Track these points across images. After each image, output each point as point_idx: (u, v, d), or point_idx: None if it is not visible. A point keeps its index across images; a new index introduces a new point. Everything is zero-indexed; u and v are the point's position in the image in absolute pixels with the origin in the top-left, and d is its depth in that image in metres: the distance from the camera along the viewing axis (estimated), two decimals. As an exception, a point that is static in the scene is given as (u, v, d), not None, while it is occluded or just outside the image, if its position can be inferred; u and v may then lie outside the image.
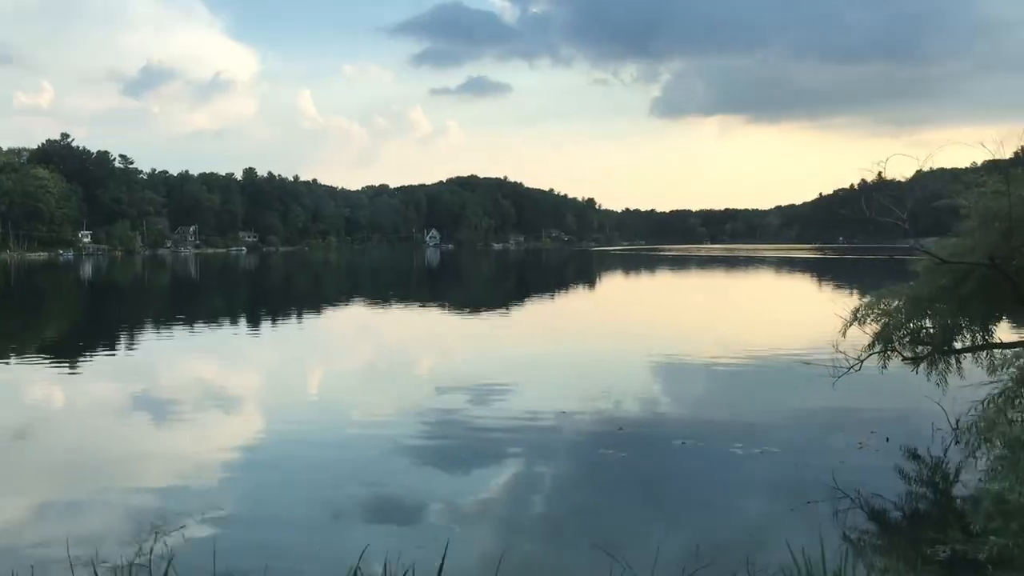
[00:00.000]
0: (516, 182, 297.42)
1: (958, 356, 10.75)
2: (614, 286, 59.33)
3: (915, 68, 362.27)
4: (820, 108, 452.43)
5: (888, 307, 10.87)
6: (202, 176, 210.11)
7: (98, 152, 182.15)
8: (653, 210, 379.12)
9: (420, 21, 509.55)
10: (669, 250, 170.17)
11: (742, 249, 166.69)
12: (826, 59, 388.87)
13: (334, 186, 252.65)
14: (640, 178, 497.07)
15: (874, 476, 9.46)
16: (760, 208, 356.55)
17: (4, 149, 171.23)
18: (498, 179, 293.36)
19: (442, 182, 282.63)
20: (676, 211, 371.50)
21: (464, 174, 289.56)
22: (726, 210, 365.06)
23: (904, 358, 10.92)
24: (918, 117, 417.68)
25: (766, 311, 34.30)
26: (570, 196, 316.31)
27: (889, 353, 10.88)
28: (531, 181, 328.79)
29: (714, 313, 34.22)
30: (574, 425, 12.31)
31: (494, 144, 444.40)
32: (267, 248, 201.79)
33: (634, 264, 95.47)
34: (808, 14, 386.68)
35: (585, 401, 14.02)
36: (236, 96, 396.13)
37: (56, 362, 20.41)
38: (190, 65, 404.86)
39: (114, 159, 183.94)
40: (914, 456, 10.29)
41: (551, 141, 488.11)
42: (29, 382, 17.11)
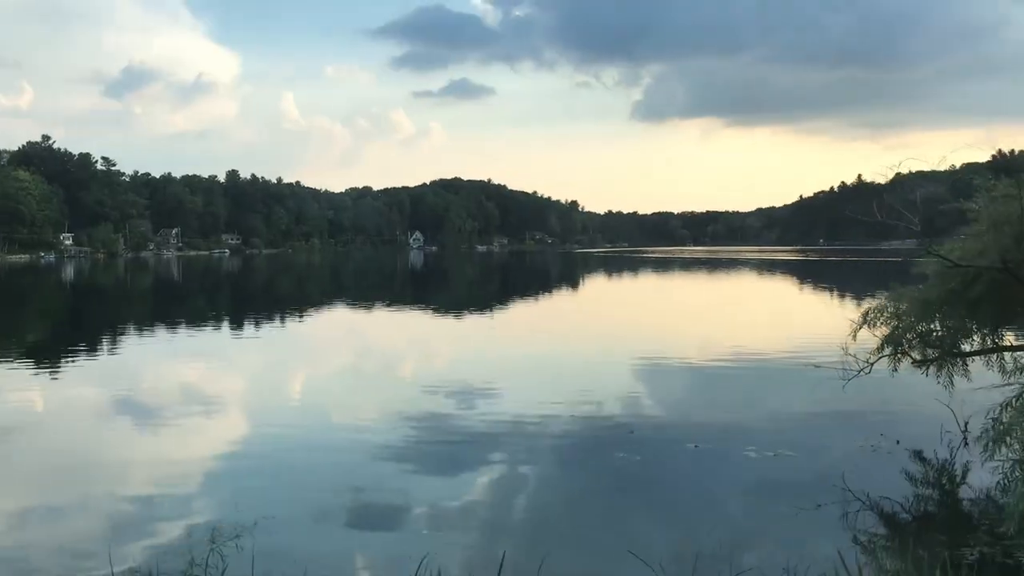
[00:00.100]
0: (500, 184, 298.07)
1: (967, 359, 10.82)
2: (607, 289, 59.32)
3: (891, 72, 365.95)
4: (799, 111, 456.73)
5: (897, 310, 10.93)
6: (185, 178, 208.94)
7: (80, 154, 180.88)
8: (636, 212, 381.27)
9: (402, 24, 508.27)
10: (653, 252, 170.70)
11: (725, 251, 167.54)
12: (805, 62, 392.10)
13: (317, 188, 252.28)
14: (623, 181, 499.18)
15: (885, 478, 9.51)
16: (741, 210, 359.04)
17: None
18: (482, 181, 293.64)
19: (425, 184, 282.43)
20: (658, 213, 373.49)
21: (448, 176, 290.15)
22: (707, 212, 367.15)
23: (913, 361, 10.97)
24: (895, 120, 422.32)
25: (767, 314, 34.17)
26: (554, 198, 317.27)
27: (899, 356, 10.93)
28: (515, 183, 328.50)
29: (715, 316, 34.14)
30: (585, 429, 12.30)
31: (477, 146, 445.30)
32: (250, 250, 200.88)
33: (621, 266, 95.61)
34: (787, 18, 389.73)
35: (595, 405, 14.03)
36: (218, 98, 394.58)
37: (36, 366, 20.15)
38: (172, 67, 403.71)
39: (96, 161, 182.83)
40: (925, 459, 10.37)
41: (534, 144, 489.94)
42: (7, 389, 16.60)
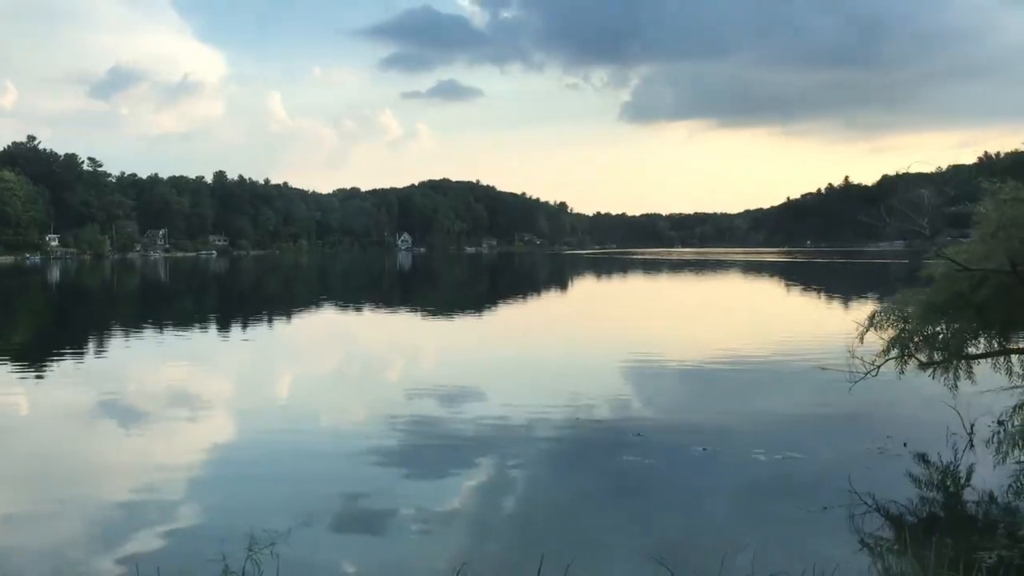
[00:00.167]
0: (488, 185, 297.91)
1: (974, 361, 10.85)
2: (601, 291, 59.10)
3: (878, 74, 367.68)
4: (787, 113, 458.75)
5: (904, 312, 10.95)
6: (172, 179, 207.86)
7: (66, 155, 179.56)
8: (624, 214, 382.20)
9: (390, 25, 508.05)
10: (642, 254, 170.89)
11: (715, 253, 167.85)
12: (792, 65, 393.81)
13: (305, 189, 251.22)
14: (611, 182, 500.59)
15: (893, 481, 9.54)
16: (729, 212, 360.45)
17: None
18: (470, 183, 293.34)
19: (414, 185, 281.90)
20: (647, 215, 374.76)
21: (436, 177, 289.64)
22: (695, 214, 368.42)
23: (920, 363, 11.00)
24: (882, 123, 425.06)
25: (766, 316, 33.90)
26: (542, 200, 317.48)
27: (905, 358, 10.96)
28: (503, 185, 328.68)
29: (714, 318, 33.96)
30: (593, 432, 12.25)
31: (466, 148, 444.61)
32: (237, 252, 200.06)
33: (612, 268, 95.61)
34: (775, 21, 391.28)
35: (601, 408, 13.98)
36: (205, 98, 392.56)
37: (22, 367, 19.93)
38: (159, 67, 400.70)
39: (82, 162, 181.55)
40: (934, 462, 10.38)
41: (523, 145, 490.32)
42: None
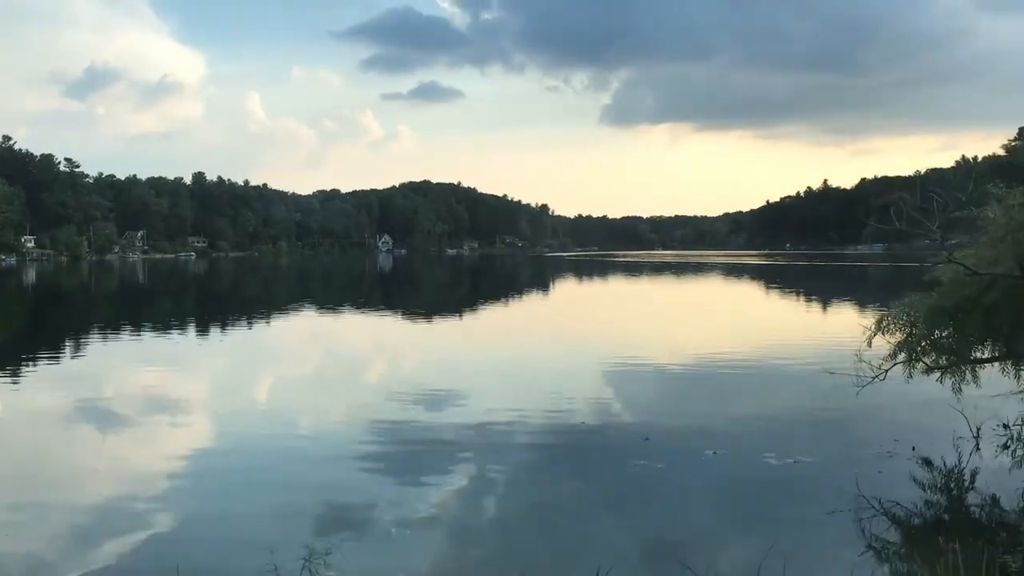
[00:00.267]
0: (470, 187, 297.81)
1: (980, 366, 10.89)
2: (590, 294, 58.71)
3: (857, 78, 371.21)
4: (766, 116, 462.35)
5: (912, 317, 10.97)
6: (150, 180, 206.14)
7: (42, 155, 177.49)
8: (605, 216, 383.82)
9: (370, 26, 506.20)
10: (623, 256, 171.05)
11: (696, 255, 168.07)
12: (772, 69, 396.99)
13: (285, 190, 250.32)
14: (592, 184, 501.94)
15: (902, 485, 9.54)
16: (709, 215, 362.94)
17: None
18: (452, 184, 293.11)
19: (395, 187, 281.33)
20: (627, 217, 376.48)
21: (417, 179, 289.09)
22: (676, 217, 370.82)
23: (928, 367, 11.02)
24: (861, 126, 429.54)
25: (765, 319, 33.57)
26: (524, 202, 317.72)
27: (913, 362, 10.97)
28: (485, 187, 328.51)
29: (714, 320, 33.63)
30: (601, 437, 12.18)
31: (447, 149, 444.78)
32: (217, 253, 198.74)
33: (596, 270, 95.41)
34: (755, 24, 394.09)
35: (608, 412, 13.94)
36: (183, 99, 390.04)
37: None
38: (135, 67, 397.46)
39: (59, 162, 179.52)
40: (941, 465, 10.38)
41: (504, 147, 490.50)
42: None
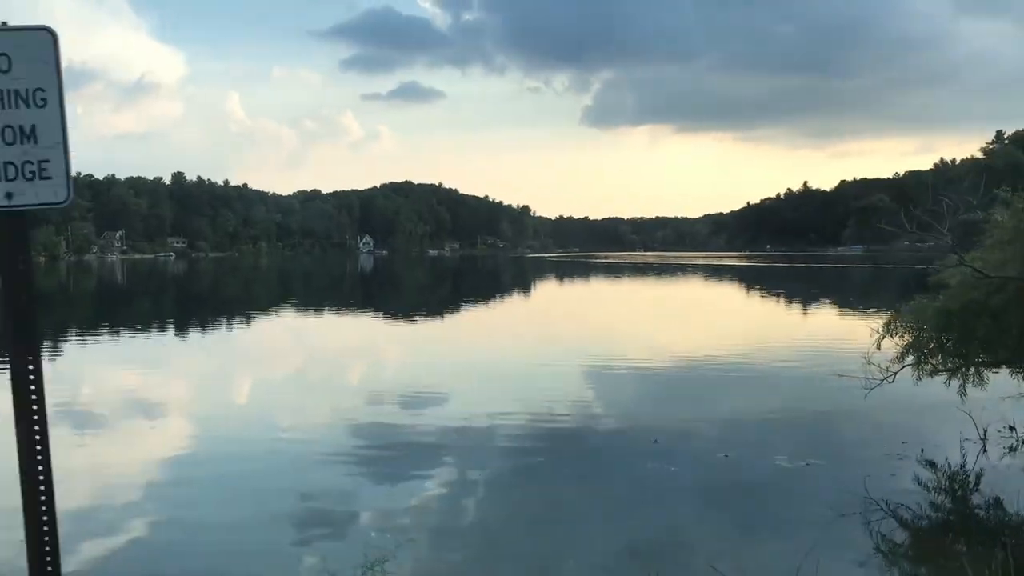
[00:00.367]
0: (451, 188, 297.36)
1: (990, 368, 10.98)
2: (577, 295, 58.37)
3: (836, 81, 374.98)
4: (746, 119, 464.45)
5: (920, 319, 11.05)
6: (129, 180, 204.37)
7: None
8: (586, 218, 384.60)
9: (350, 26, 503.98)
10: (606, 257, 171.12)
11: (678, 257, 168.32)
12: (752, 71, 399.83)
13: (265, 191, 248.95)
14: (573, 186, 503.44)
15: (910, 487, 9.59)
16: (690, 216, 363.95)
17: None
18: (433, 185, 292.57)
19: (376, 187, 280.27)
20: (608, 219, 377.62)
21: (398, 180, 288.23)
22: (657, 218, 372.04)
23: (935, 370, 11.10)
24: (840, 129, 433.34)
25: (763, 321, 33.48)
26: (505, 203, 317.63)
27: (921, 365, 11.05)
28: (466, 187, 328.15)
29: (714, 322, 33.32)
30: (609, 439, 12.15)
31: (428, 150, 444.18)
32: (196, 254, 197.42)
33: (579, 272, 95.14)
34: (735, 27, 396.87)
35: (615, 414, 13.91)
36: (162, 98, 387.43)
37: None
38: (114, 66, 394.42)
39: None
40: (950, 468, 10.44)
41: (485, 148, 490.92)
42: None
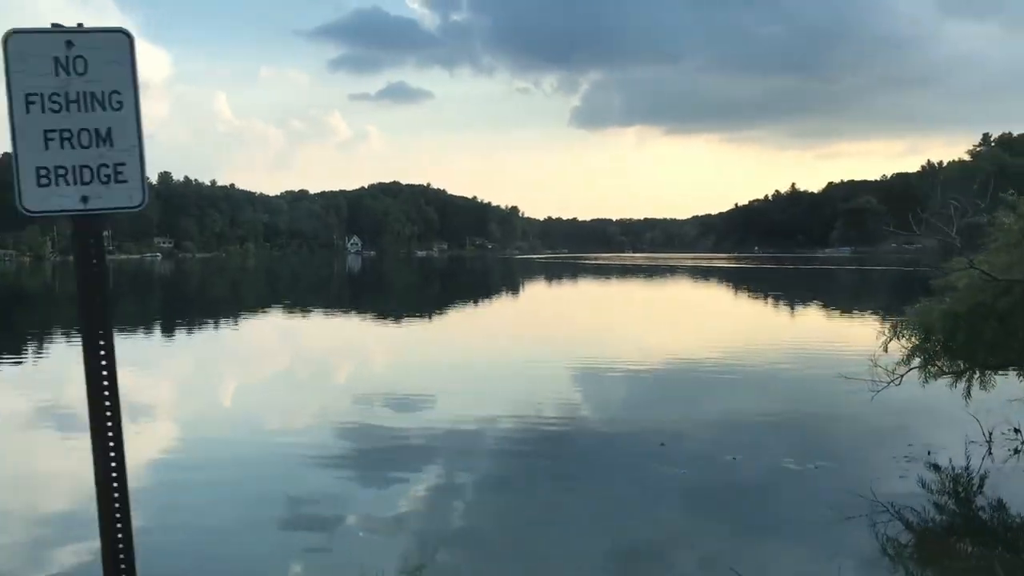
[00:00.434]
0: (439, 189, 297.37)
1: (995, 371, 11.02)
2: (570, 296, 58.19)
3: (823, 83, 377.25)
4: (734, 120, 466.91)
5: (926, 322, 11.08)
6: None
7: (4, 154, 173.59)
8: (575, 219, 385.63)
9: (338, 26, 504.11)
10: (595, 259, 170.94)
11: (667, 258, 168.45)
12: (739, 72, 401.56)
13: (252, 191, 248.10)
14: (562, 187, 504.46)
15: (916, 490, 9.59)
16: (678, 218, 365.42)
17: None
18: (421, 186, 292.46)
19: (364, 188, 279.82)
20: (597, 220, 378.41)
21: (386, 180, 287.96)
22: (645, 219, 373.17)
23: (942, 372, 11.14)
24: (827, 130, 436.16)
25: (762, 322, 33.36)
26: (494, 204, 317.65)
27: (928, 367, 11.08)
28: (454, 188, 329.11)
29: (713, 323, 33.23)
30: (615, 442, 12.12)
31: (416, 151, 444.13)
32: (183, 254, 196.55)
33: (569, 273, 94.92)
34: (723, 29, 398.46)
35: (620, 416, 13.87)
36: (149, 98, 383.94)
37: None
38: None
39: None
40: (956, 471, 10.44)
41: (474, 149, 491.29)
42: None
